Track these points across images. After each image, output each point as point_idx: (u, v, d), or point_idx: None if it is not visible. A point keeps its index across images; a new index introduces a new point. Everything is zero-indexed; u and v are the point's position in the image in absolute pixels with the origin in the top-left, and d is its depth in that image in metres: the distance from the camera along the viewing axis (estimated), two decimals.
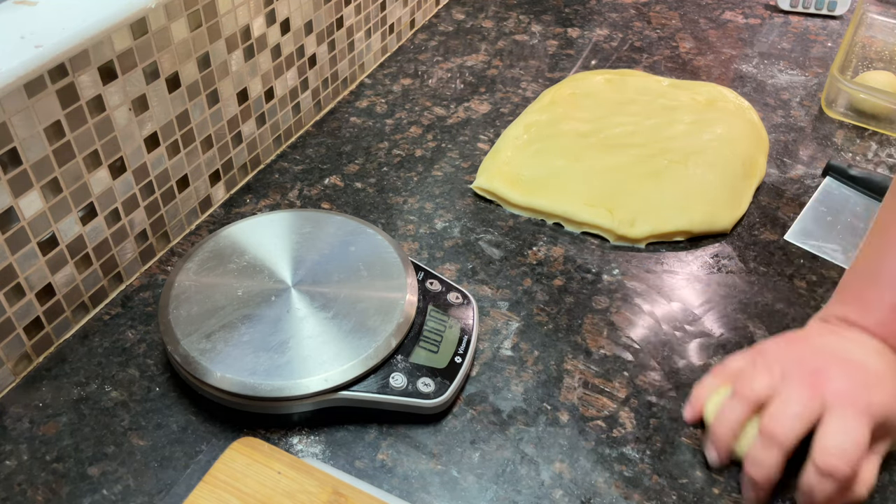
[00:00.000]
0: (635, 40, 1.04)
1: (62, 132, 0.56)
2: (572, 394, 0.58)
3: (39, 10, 0.55)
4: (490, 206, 0.76)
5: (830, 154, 0.83)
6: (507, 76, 0.96)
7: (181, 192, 0.70)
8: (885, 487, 0.52)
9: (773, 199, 0.77)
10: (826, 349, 0.52)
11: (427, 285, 0.61)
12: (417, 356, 0.56)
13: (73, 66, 0.54)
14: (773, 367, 0.51)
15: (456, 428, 0.55)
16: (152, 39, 0.61)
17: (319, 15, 0.82)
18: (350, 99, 0.91)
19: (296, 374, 0.53)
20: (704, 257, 0.70)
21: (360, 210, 0.75)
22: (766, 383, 0.50)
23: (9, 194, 0.53)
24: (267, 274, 0.60)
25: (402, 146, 0.83)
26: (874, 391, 0.48)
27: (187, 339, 0.55)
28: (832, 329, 0.54)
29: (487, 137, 0.85)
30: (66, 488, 0.51)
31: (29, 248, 0.56)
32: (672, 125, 0.81)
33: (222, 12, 0.67)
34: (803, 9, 1.10)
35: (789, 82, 0.95)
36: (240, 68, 0.72)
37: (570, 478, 0.52)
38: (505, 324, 0.63)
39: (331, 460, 0.53)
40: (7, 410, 0.56)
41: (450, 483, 0.52)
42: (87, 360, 0.60)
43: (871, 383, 0.48)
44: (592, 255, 0.70)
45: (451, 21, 1.08)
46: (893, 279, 0.52)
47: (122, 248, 0.65)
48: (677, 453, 0.54)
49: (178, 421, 0.55)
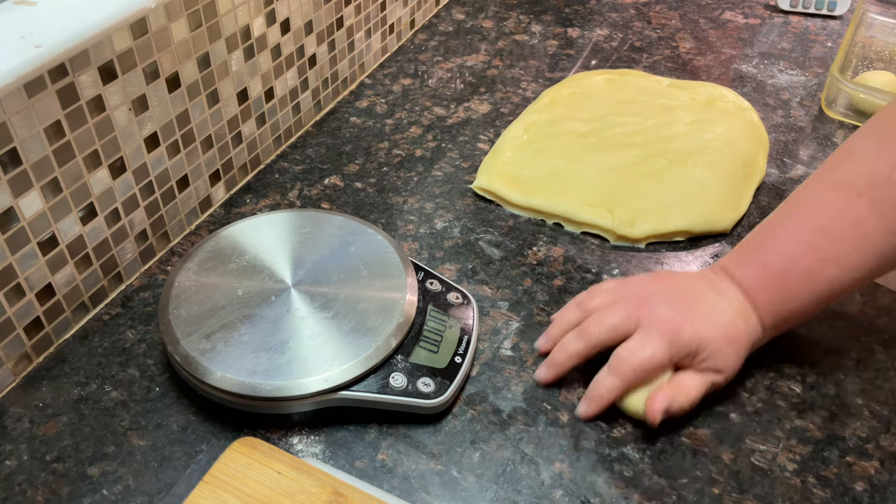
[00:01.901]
0: (635, 40, 1.04)
1: (62, 132, 0.56)
2: (572, 394, 0.58)
3: (39, 10, 0.55)
4: (490, 206, 0.76)
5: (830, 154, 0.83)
6: (507, 76, 0.96)
7: (181, 192, 0.70)
8: (885, 487, 0.52)
9: (773, 199, 0.77)
10: (681, 286, 0.58)
11: (427, 285, 0.61)
12: (417, 356, 0.56)
13: (73, 66, 0.54)
14: (623, 289, 0.58)
15: (456, 428, 0.55)
16: (152, 39, 0.61)
17: (319, 15, 0.82)
18: (350, 99, 0.91)
19: (296, 374, 0.53)
20: (704, 257, 0.70)
21: (360, 210, 0.75)
22: (604, 300, 0.58)
23: (9, 194, 0.53)
24: (267, 274, 0.60)
25: (402, 146, 0.83)
26: (688, 324, 0.54)
27: (187, 339, 0.55)
28: (706, 275, 0.58)
29: (487, 137, 0.85)
30: (66, 488, 0.51)
31: (29, 248, 0.56)
32: (672, 125, 0.81)
33: (222, 12, 0.67)
34: (803, 9, 1.10)
35: (789, 82, 0.95)
36: (240, 68, 0.72)
37: (570, 478, 0.52)
38: (505, 324, 0.63)
39: (331, 460, 0.53)
40: (7, 410, 0.56)
41: (450, 483, 0.52)
42: (87, 360, 0.60)
43: (691, 318, 0.54)
44: (592, 255, 0.70)
45: (451, 21, 1.08)
46: (772, 241, 0.56)
47: (122, 248, 0.65)
48: (677, 453, 0.54)
49: (178, 421, 0.55)
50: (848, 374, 0.60)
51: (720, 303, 0.55)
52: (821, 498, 0.51)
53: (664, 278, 0.61)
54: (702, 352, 0.54)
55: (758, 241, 0.58)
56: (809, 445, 0.54)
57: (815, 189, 0.57)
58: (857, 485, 0.52)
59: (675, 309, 0.55)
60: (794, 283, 0.55)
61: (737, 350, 0.55)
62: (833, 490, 0.52)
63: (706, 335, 0.54)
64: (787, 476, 0.52)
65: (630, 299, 0.57)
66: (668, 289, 0.58)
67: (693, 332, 0.54)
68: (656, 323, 0.54)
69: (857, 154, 0.56)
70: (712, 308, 0.55)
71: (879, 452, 0.54)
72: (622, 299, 0.57)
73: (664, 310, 0.55)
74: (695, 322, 0.54)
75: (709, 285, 0.57)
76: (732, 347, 0.54)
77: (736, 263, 0.58)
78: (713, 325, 0.54)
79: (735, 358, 0.55)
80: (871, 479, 0.52)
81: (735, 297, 0.56)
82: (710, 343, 0.54)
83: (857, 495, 0.51)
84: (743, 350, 0.55)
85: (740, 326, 0.55)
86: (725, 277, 0.57)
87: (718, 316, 0.55)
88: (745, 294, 0.56)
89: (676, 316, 0.55)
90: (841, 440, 0.55)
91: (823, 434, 0.55)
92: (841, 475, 0.53)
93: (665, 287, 0.58)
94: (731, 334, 0.54)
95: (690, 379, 0.54)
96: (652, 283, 0.59)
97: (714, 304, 0.55)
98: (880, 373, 0.60)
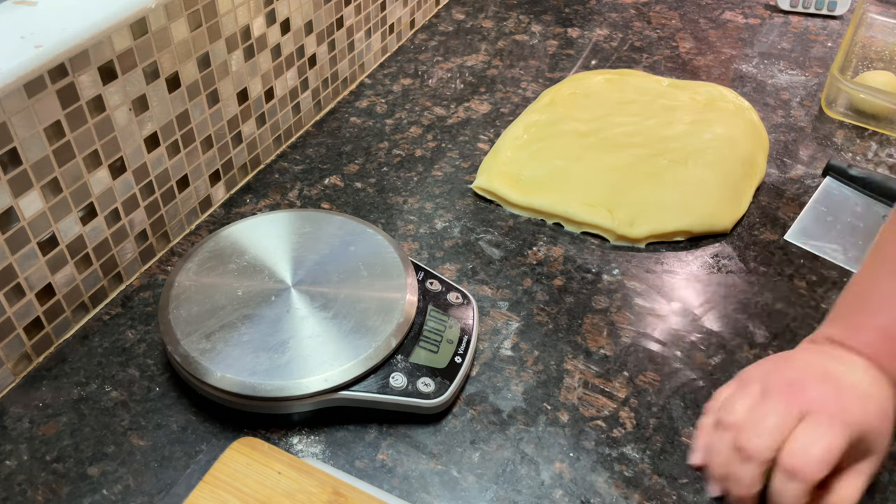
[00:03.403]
0: (635, 40, 1.04)
1: (62, 132, 0.56)
2: (572, 394, 0.58)
3: (39, 10, 0.55)
4: (490, 206, 0.76)
5: (830, 154, 0.83)
6: (507, 76, 0.96)
7: (181, 192, 0.70)
8: (886, 487, 0.52)
9: (773, 199, 0.77)
10: (807, 364, 0.51)
11: (427, 285, 0.61)
12: (417, 356, 0.56)
13: (73, 66, 0.54)
14: (753, 387, 0.51)
15: (456, 428, 0.55)
16: (152, 39, 0.61)
17: (319, 15, 0.82)
18: (350, 99, 0.91)
19: (296, 374, 0.53)
20: (704, 257, 0.70)
21: (360, 210, 0.75)
22: (745, 405, 0.50)
23: (9, 194, 0.53)
24: (267, 274, 0.60)
25: (402, 146, 0.83)
26: (851, 402, 0.47)
27: (187, 339, 0.55)
28: (818, 348, 0.53)
29: (487, 137, 0.85)
30: (66, 488, 0.51)
31: (29, 248, 0.56)
32: (672, 125, 0.81)
33: (222, 12, 0.67)
34: (803, 9, 1.10)
35: (789, 82, 0.95)
36: (240, 68, 0.72)
37: (570, 478, 0.52)
38: (505, 324, 0.63)
39: (331, 460, 0.53)
40: (7, 410, 0.56)
41: (450, 483, 0.52)
42: (87, 360, 0.60)
43: (850, 395, 0.48)
44: (592, 255, 0.70)
45: (451, 21, 1.08)
46: (881, 302, 0.52)
47: (122, 248, 0.65)
48: (677, 453, 0.54)
49: (178, 421, 0.55)
50: None
51: (852, 374, 0.49)
52: None
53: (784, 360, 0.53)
54: (867, 434, 0.47)
55: (860, 305, 0.53)
56: None
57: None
58: None
59: (827, 386, 0.48)
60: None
61: (891, 424, 0.49)
62: None
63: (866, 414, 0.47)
64: None
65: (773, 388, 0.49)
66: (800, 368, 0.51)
67: (858, 412, 0.47)
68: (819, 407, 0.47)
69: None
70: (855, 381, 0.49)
71: None
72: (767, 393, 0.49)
73: (818, 390, 0.48)
74: (851, 398, 0.47)
75: (831, 359, 0.51)
76: (887, 423, 0.48)
77: (846, 332, 0.52)
78: (863, 402, 0.48)
79: (889, 432, 0.49)
80: (871, 478, 0.52)
81: (862, 366, 0.50)
82: (872, 419, 0.47)
83: None
84: (891, 419, 0.49)
85: (883, 398, 0.49)
86: (841, 349, 0.52)
87: (862, 390, 0.49)
88: (869, 361, 0.50)
89: (833, 394, 0.48)
90: None
91: None
92: None
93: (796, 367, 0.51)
94: (883, 407, 0.48)
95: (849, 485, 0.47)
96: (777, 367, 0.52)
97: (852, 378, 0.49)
98: None
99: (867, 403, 0.48)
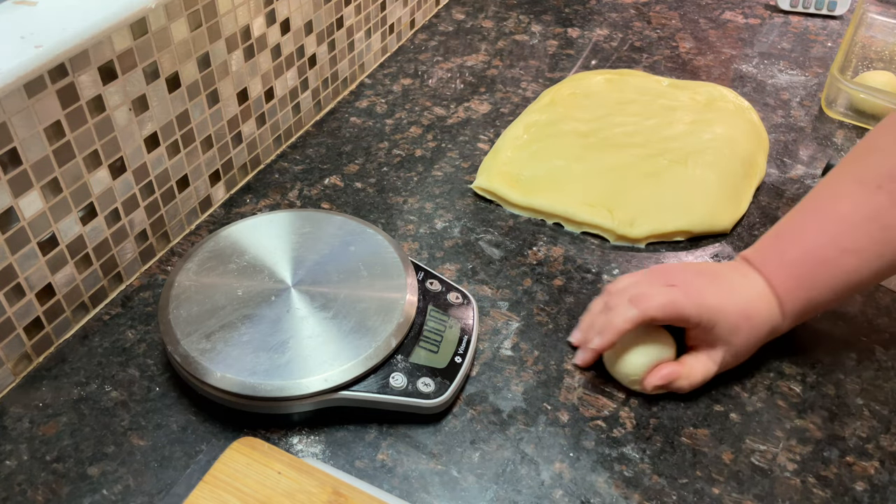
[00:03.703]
0: (635, 40, 1.04)
1: (62, 132, 0.56)
2: (572, 394, 0.58)
3: (39, 10, 0.55)
4: (490, 206, 0.76)
5: (830, 154, 0.83)
6: (507, 76, 0.96)
7: (181, 192, 0.70)
8: (885, 487, 0.52)
9: (773, 199, 0.77)
10: (704, 266, 0.61)
11: (427, 285, 0.61)
12: (417, 356, 0.56)
13: (73, 66, 0.54)
14: (641, 274, 0.59)
15: (456, 428, 0.55)
16: (152, 39, 0.61)
17: (319, 15, 0.82)
18: (350, 99, 0.91)
19: (296, 374, 0.53)
20: (704, 257, 0.70)
21: (360, 210, 0.75)
22: (628, 280, 0.59)
23: (9, 194, 0.53)
24: (267, 274, 0.60)
25: (402, 146, 0.83)
26: (713, 291, 0.55)
27: (187, 339, 0.55)
28: (729, 263, 0.60)
29: (487, 137, 0.85)
30: (66, 488, 0.51)
31: (29, 248, 0.56)
32: (672, 125, 0.81)
33: (222, 12, 0.67)
34: (803, 9, 1.10)
35: (789, 82, 0.95)
36: (240, 68, 0.72)
37: (570, 478, 0.52)
38: (505, 324, 0.63)
39: (331, 460, 0.53)
40: (7, 410, 0.56)
41: (450, 483, 0.52)
42: (87, 360, 0.60)
43: (716, 288, 0.56)
44: (592, 255, 0.70)
45: (451, 21, 1.08)
46: (796, 233, 0.57)
47: (122, 248, 0.65)
48: (677, 453, 0.54)
49: (178, 421, 0.55)
50: (848, 374, 0.60)
51: (742, 284, 0.57)
52: (821, 498, 0.51)
53: (689, 263, 0.64)
54: (719, 323, 0.54)
55: (778, 232, 0.59)
56: (809, 445, 0.54)
57: (836, 182, 0.58)
58: (857, 485, 0.52)
59: (701, 279, 0.57)
60: (813, 272, 0.55)
61: (752, 329, 0.56)
62: (833, 490, 0.52)
63: (726, 307, 0.55)
64: (787, 476, 0.52)
65: (656, 275, 0.58)
66: (694, 266, 0.61)
67: (716, 301, 0.55)
68: (682, 285, 0.56)
69: (878, 147, 0.56)
70: (734, 286, 0.56)
71: (879, 452, 0.54)
72: (648, 276, 0.59)
73: (690, 276, 0.57)
74: (718, 294, 0.55)
75: (732, 269, 0.58)
76: (749, 325, 0.55)
77: (757, 253, 0.59)
78: (734, 300, 0.55)
79: (749, 337, 0.56)
80: (871, 479, 0.52)
81: (757, 281, 0.57)
82: (729, 315, 0.55)
83: (857, 495, 0.51)
84: (759, 332, 0.56)
85: (760, 307, 0.56)
86: (747, 265, 0.58)
87: (739, 294, 0.56)
88: (766, 280, 0.57)
89: (703, 284, 0.56)
90: (841, 440, 0.55)
91: (823, 434, 0.55)
92: (841, 475, 0.53)
93: (691, 265, 0.62)
94: (749, 311, 0.55)
95: (699, 362, 0.56)
96: (676, 265, 0.63)
97: (737, 284, 0.57)
98: (880, 373, 0.60)
99: (730, 297, 0.55)
